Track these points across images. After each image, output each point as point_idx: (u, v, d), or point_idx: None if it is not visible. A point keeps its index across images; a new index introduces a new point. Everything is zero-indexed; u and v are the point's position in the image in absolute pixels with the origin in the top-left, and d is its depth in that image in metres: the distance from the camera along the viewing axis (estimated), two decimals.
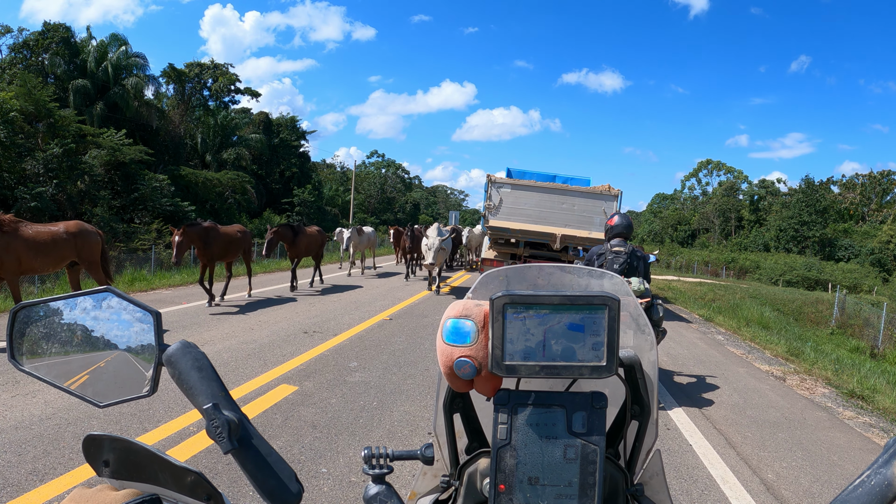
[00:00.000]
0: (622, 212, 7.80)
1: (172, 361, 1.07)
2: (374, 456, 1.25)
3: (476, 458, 1.44)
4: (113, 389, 1.12)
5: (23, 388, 6.94)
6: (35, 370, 1.14)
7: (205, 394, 1.03)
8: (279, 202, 52.17)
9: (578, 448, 1.22)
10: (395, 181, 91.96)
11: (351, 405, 6.98)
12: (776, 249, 71.46)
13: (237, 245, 15.02)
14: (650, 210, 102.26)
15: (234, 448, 1.01)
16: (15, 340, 1.16)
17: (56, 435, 5.62)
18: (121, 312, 1.14)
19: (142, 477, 1.06)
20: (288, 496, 1.02)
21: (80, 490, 0.95)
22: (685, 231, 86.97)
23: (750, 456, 6.32)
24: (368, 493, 1.22)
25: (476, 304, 1.26)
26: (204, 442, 5.58)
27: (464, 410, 1.49)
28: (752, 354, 12.34)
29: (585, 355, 1.15)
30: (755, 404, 8.32)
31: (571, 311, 1.15)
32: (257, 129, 52.38)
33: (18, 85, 28.39)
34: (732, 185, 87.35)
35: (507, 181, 16.46)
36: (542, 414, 1.25)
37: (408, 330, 11.84)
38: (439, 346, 1.26)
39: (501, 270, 1.66)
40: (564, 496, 1.22)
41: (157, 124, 42.60)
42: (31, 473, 4.83)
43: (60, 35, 39.44)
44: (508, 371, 1.16)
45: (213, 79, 50.68)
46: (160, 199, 32.10)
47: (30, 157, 26.43)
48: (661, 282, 32.51)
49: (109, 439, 1.08)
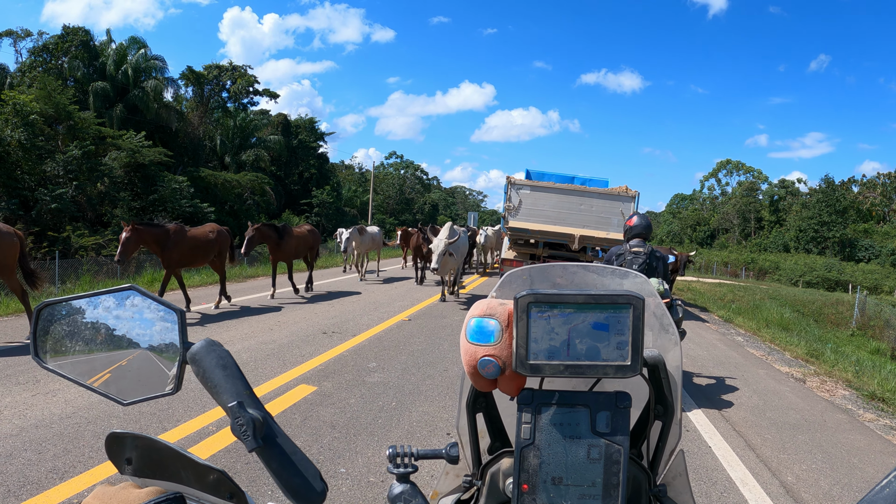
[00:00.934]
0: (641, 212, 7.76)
1: (196, 359, 1.07)
2: (398, 455, 1.26)
3: (499, 458, 1.44)
4: (136, 387, 1.12)
5: (43, 386, 7.00)
6: (58, 368, 1.14)
7: (229, 392, 1.03)
8: (298, 203, 52.29)
9: (602, 448, 1.22)
10: (413, 182, 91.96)
11: (370, 405, 7.00)
12: (796, 250, 70.87)
13: (207, 247, 13.58)
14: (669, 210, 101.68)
15: (259, 446, 1.01)
16: (38, 338, 1.16)
17: (76, 433, 5.68)
18: (144, 311, 1.14)
19: (164, 475, 1.07)
20: (312, 495, 1.02)
21: (102, 488, 0.95)
22: (704, 232, 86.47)
23: (770, 458, 6.30)
24: (393, 492, 1.23)
25: (500, 303, 1.27)
26: (223, 441, 5.62)
27: (486, 410, 1.49)
28: (772, 356, 12.28)
29: (610, 354, 1.15)
30: (775, 406, 8.29)
31: (596, 310, 1.15)
32: (276, 131, 52.51)
33: (38, 88, 28.58)
34: (752, 185, 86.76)
35: (527, 183, 16.69)
36: (565, 413, 1.24)
37: (427, 331, 11.86)
38: (463, 345, 1.26)
39: (524, 269, 1.66)
40: (588, 496, 1.21)
41: (177, 126, 42.78)
42: (51, 472, 4.88)
43: (80, 38, 39.68)
44: (533, 370, 1.16)
45: (231, 81, 50.85)
46: (179, 201, 32.23)
47: (50, 159, 26.60)
48: (681, 282, 32.35)
49: (132, 437, 1.09)
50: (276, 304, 14.48)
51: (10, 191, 24.44)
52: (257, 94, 53.64)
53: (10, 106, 25.42)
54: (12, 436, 5.51)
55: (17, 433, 5.59)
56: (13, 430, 5.67)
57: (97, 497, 0.92)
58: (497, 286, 1.60)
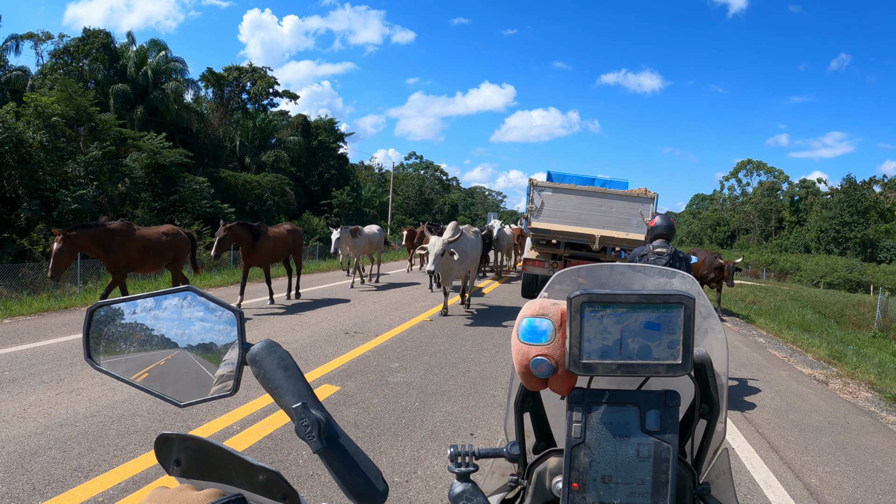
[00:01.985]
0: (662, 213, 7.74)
1: (257, 361, 1.07)
2: (459, 454, 1.26)
3: (545, 458, 1.44)
4: (193, 389, 1.13)
5: (67, 385, 7.06)
6: (111, 369, 1.14)
7: (292, 393, 1.03)
8: (318, 204, 52.41)
9: (651, 446, 1.22)
10: (433, 182, 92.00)
11: (393, 405, 7.02)
12: (817, 251, 70.28)
13: (161, 250, 12.44)
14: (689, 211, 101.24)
15: (324, 447, 1.01)
16: (91, 339, 1.16)
17: (100, 432, 5.72)
18: (202, 311, 1.14)
19: (213, 476, 1.07)
20: (375, 495, 1.02)
21: (159, 490, 0.95)
22: (724, 232, 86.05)
23: (793, 460, 6.27)
24: (454, 492, 1.23)
25: (553, 303, 1.27)
26: (248, 440, 5.67)
27: (534, 410, 1.50)
28: (794, 357, 12.22)
29: (661, 353, 1.16)
30: (798, 408, 8.24)
31: (648, 309, 1.16)
32: (296, 132, 52.64)
33: (60, 90, 28.77)
34: (772, 185, 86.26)
35: (548, 185, 16.95)
36: (615, 412, 1.25)
37: (448, 331, 11.88)
38: (515, 344, 1.26)
39: (574, 270, 1.67)
40: (637, 494, 1.22)
41: (197, 127, 42.97)
42: (76, 470, 4.92)
43: (100, 41, 39.94)
44: (586, 369, 1.17)
45: (251, 82, 51.05)
46: (200, 201, 32.37)
47: (71, 160, 26.74)
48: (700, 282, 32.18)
49: (181, 438, 1.09)
50: (296, 303, 14.53)
51: (32, 192, 24.61)
52: (277, 95, 53.83)
53: (32, 108, 25.61)
54: (37, 434, 5.56)
55: (41, 431, 5.64)
56: (38, 428, 5.72)
57: (154, 500, 0.92)
58: (547, 286, 1.61)
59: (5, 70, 38.06)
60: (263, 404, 6.57)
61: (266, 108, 53.37)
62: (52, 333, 9.84)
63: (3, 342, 8.88)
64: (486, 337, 11.48)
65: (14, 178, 24.74)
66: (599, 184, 18.52)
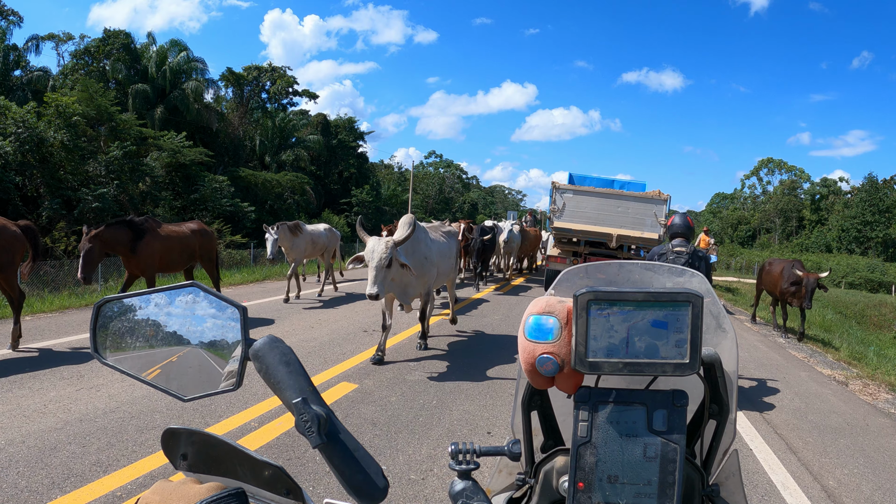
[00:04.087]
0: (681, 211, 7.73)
1: (259, 356, 1.06)
2: (460, 452, 1.26)
3: (552, 456, 1.44)
4: (197, 383, 1.13)
5: (87, 381, 7.13)
6: (118, 363, 1.14)
7: (293, 388, 1.03)
8: (337, 202, 52.48)
9: (658, 446, 1.22)
10: (453, 181, 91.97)
11: (410, 403, 7.05)
12: (838, 250, 69.63)
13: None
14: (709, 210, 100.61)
15: (323, 443, 1.00)
16: (98, 334, 1.16)
17: (119, 428, 5.78)
18: (206, 307, 1.15)
19: (220, 470, 1.08)
20: (374, 491, 1.01)
21: (162, 483, 0.96)
22: (745, 231, 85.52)
23: (811, 462, 6.23)
24: (454, 489, 1.23)
25: (559, 301, 1.28)
26: (265, 437, 5.70)
27: (541, 408, 1.50)
28: (814, 358, 12.14)
29: (669, 352, 1.16)
30: (817, 409, 8.19)
31: (655, 307, 1.16)
32: (315, 131, 52.74)
33: (81, 90, 28.96)
34: (792, 183, 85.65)
35: (570, 187, 18.20)
36: (622, 412, 1.25)
37: (467, 329, 11.92)
38: (521, 342, 1.27)
39: (582, 267, 1.67)
40: (643, 495, 1.22)
41: (217, 127, 43.15)
42: (95, 465, 4.96)
43: (121, 41, 40.20)
44: (592, 368, 1.18)
45: (271, 82, 51.21)
46: (220, 200, 32.49)
47: (92, 159, 26.93)
48: (720, 282, 32.06)
49: (188, 433, 1.10)
50: (314, 301, 14.60)
51: (53, 191, 24.80)
52: (297, 94, 53.95)
53: (53, 108, 25.80)
54: (57, 429, 5.61)
55: (61, 427, 5.69)
56: (58, 423, 5.77)
57: (157, 492, 0.93)
58: (554, 284, 1.61)
59: (26, 70, 38.40)
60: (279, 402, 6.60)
61: (286, 107, 53.53)
62: (73, 330, 9.92)
63: (24, 339, 8.95)
64: (504, 336, 11.49)
65: (36, 177, 24.94)
66: (618, 185, 19.98)
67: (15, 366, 7.63)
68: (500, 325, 12.54)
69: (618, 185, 20.00)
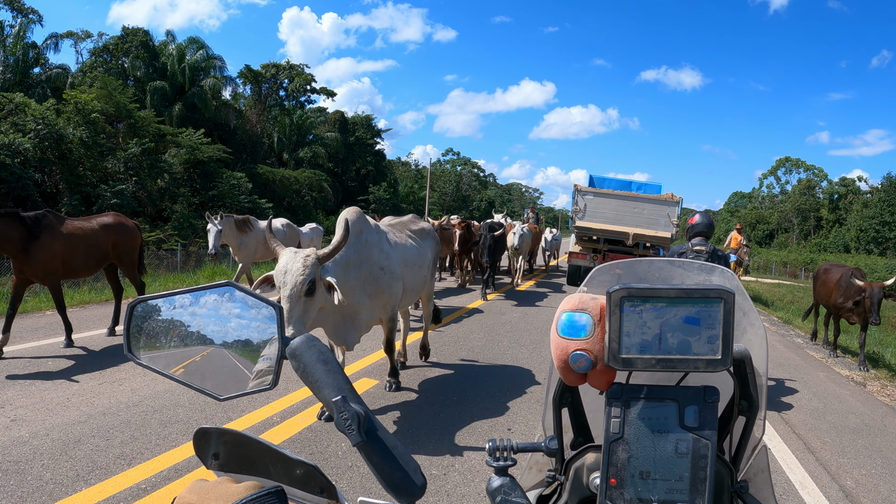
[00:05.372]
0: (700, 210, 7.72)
1: (297, 355, 1.06)
2: (498, 448, 1.25)
3: (583, 453, 1.44)
4: (233, 382, 1.13)
5: (110, 376, 7.19)
6: (151, 363, 1.15)
7: (331, 387, 1.03)
8: (355, 199, 52.52)
9: (690, 442, 1.23)
10: (470, 179, 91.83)
11: (431, 400, 7.07)
12: (856, 251, 68.87)
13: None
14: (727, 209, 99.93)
15: (363, 440, 1.01)
16: (132, 334, 1.17)
17: (143, 421, 5.83)
18: (241, 306, 1.15)
19: (251, 470, 1.08)
20: (413, 488, 1.02)
21: (199, 482, 0.96)
22: (763, 230, 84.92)
23: (829, 462, 6.22)
24: (492, 485, 1.22)
25: (592, 298, 1.28)
26: (288, 431, 5.74)
27: (572, 405, 1.50)
28: (832, 358, 12.08)
29: (701, 349, 1.16)
30: (835, 410, 8.17)
31: (687, 304, 1.17)
32: (333, 128, 52.84)
33: (99, 87, 29.15)
34: (809, 182, 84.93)
35: (590, 190, 20.04)
36: (654, 408, 1.26)
37: (486, 327, 11.89)
38: (554, 339, 1.27)
39: (613, 264, 1.67)
40: (675, 490, 1.22)
41: (235, 124, 43.36)
42: (119, 458, 5.02)
43: (139, 39, 40.42)
44: (625, 364, 1.18)
45: (288, 79, 51.30)
46: (238, 197, 32.60)
47: (111, 156, 27.11)
48: None
49: (219, 432, 1.10)
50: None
51: (73, 187, 24.98)
52: (314, 92, 54.06)
53: (72, 105, 25.98)
54: (80, 422, 5.67)
55: (84, 420, 5.75)
56: (81, 416, 5.83)
57: (194, 492, 0.93)
58: (586, 280, 1.62)
59: (46, 68, 38.64)
60: (302, 397, 6.64)
61: (303, 104, 53.65)
62: (94, 325, 9.98)
63: (47, 333, 9.03)
64: (524, 333, 11.47)
65: (55, 173, 25.16)
66: (635, 187, 22.09)
67: (37, 360, 7.70)
68: (520, 322, 12.53)
69: (635, 187, 22.05)
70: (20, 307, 8.69)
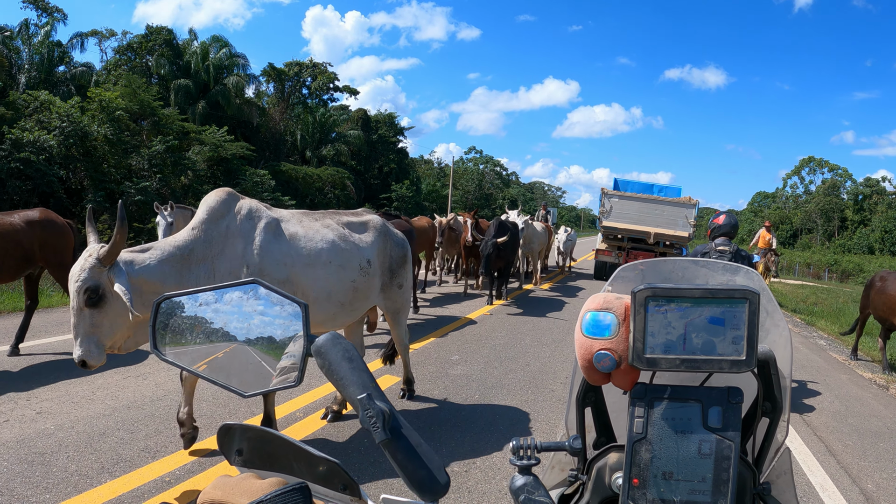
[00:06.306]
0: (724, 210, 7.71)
1: (322, 352, 1.06)
2: (521, 447, 1.25)
3: (605, 453, 1.45)
4: (257, 379, 1.14)
5: (134, 370, 7.26)
6: (177, 359, 1.17)
7: (356, 384, 1.03)
8: (377, 197, 52.61)
9: (713, 443, 1.23)
10: (492, 177, 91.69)
11: (453, 397, 7.10)
12: (881, 252, 68.06)
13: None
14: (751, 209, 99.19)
15: (388, 438, 1.00)
16: (157, 331, 1.18)
17: (167, 415, 5.89)
18: (267, 304, 1.16)
19: (274, 466, 1.09)
20: (437, 486, 1.01)
21: (223, 478, 0.97)
22: (787, 231, 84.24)
23: (850, 465, 6.20)
24: (515, 484, 1.22)
25: (616, 297, 1.29)
26: (309, 428, 5.79)
27: (595, 405, 1.50)
28: (855, 361, 12.00)
29: (725, 349, 1.17)
30: (857, 412, 8.12)
31: (712, 304, 1.18)
32: (356, 126, 52.93)
33: (124, 85, 29.33)
34: (834, 183, 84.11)
35: (616, 193, 22.18)
36: (678, 408, 1.26)
37: (508, 326, 11.93)
38: (578, 338, 1.28)
39: (637, 264, 1.68)
40: (697, 492, 1.23)
41: (258, 121, 43.54)
42: (143, 451, 5.08)
43: (163, 38, 40.69)
44: (649, 364, 1.19)
45: (311, 77, 51.43)
46: (261, 194, 32.63)
47: (135, 153, 27.28)
48: None
49: (242, 428, 1.11)
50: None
51: (97, 184, 25.15)
52: (337, 90, 54.13)
53: (97, 103, 26.16)
54: (105, 416, 5.73)
55: (109, 413, 5.82)
56: (106, 410, 5.90)
57: (218, 487, 0.94)
58: (611, 280, 1.62)
59: (70, 66, 38.96)
60: (324, 393, 6.69)
61: (326, 102, 53.77)
62: None
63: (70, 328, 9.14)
64: (546, 332, 11.49)
65: (79, 170, 25.33)
66: (657, 190, 23.92)
67: (62, 354, 7.75)
68: (541, 321, 12.54)
69: (656, 190, 23.93)
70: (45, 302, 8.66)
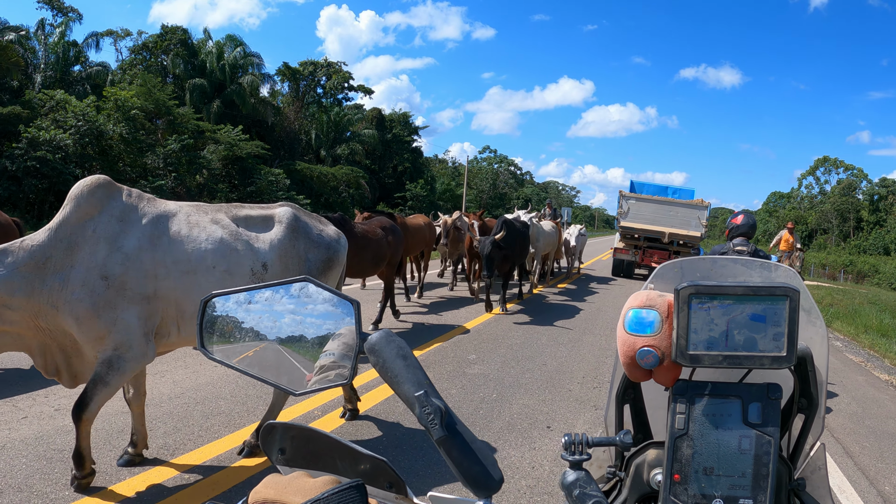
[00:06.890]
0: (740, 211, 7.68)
1: (376, 350, 1.07)
2: (573, 443, 1.26)
3: (644, 450, 1.46)
4: (308, 377, 1.14)
5: (151, 367, 7.20)
6: (225, 357, 1.16)
7: (412, 382, 1.03)
8: (392, 196, 52.77)
9: (753, 439, 1.24)
10: (507, 176, 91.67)
11: (470, 397, 7.10)
12: None
13: None
14: (766, 209, 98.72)
15: (445, 435, 1.01)
16: (205, 329, 1.18)
17: (185, 413, 5.91)
18: (318, 301, 1.16)
19: (318, 464, 1.08)
20: (491, 483, 1.01)
21: (274, 476, 0.95)
22: (802, 231, 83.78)
23: (867, 466, 6.17)
24: (567, 479, 1.22)
25: (659, 295, 1.30)
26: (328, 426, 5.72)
27: (634, 402, 1.53)
28: (871, 363, 11.94)
29: (766, 346, 1.18)
30: (874, 414, 8.09)
31: (754, 301, 1.19)
32: (370, 125, 53.09)
33: (139, 85, 29.51)
34: (850, 183, 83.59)
35: (633, 195, 23.61)
36: (718, 404, 1.27)
37: (524, 324, 11.93)
38: (621, 335, 1.30)
39: (676, 263, 1.69)
40: (738, 487, 1.24)
41: (273, 121, 43.77)
42: (162, 448, 5.11)
43: (178, 37, 40.89)
44: (692, 361, 1.20)
45: (326, 77, 51.57)
46: (276, 193, 32.86)
47: (150, 152, 27.48)
48: None
49: (285, 427, 1.10)
50: (366, 295, 14.46)
51: None
52: (352, 89, 54.32)
53: (112, 102, 26.34)
54: (123, 413, 5.72)
55: (127, 411, 5.74)
56: (123, 407, 5.86)
57: (269, 486, 0.93)
58: (651, 278, 1.64)
59: (86, 66, 39.21)
60: (339, 392, 6.69)
61: (341, 102, 53.91)
62: None
63: None
64: (562, 331, 11.49)
65: (95, 168, 25.52)
66: (671, 192, 25.39)
67: None
68: (558, 320, 12.55)
69: (671, 192, 25.39)
70: None
